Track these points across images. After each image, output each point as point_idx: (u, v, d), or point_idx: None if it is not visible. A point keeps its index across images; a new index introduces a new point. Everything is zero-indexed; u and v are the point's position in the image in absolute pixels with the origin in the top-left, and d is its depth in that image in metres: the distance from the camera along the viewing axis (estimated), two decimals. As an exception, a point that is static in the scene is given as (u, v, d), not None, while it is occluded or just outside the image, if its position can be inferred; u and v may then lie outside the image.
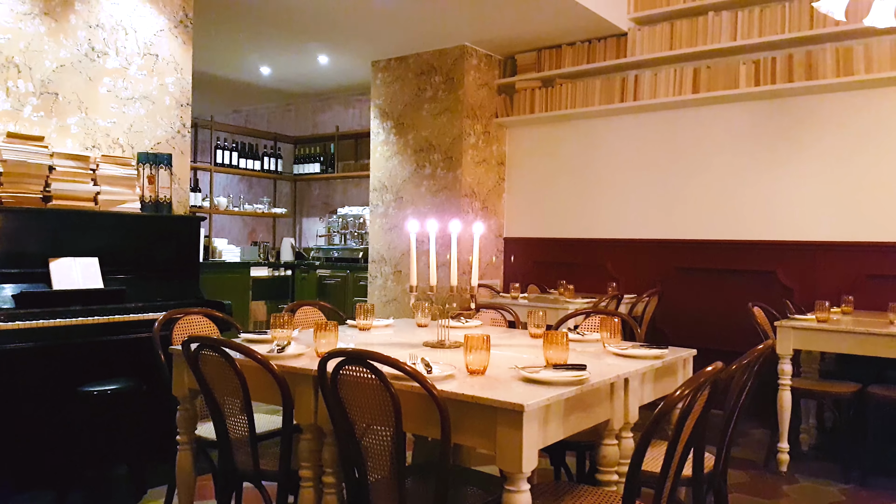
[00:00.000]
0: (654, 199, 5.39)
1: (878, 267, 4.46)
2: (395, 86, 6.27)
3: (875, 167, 4.50)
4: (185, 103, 4.28)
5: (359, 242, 7.42)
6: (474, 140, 5.91)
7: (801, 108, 4.78)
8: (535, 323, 2.91)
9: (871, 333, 3.42)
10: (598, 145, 5.69)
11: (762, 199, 4.92)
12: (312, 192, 8.59)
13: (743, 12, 4.86)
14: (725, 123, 5.08)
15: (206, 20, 5.22)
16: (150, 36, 4.09)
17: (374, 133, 6.43)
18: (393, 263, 6.23)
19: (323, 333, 2.34)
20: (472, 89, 5.88)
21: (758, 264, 4.92)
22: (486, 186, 6.04)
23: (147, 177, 3.91)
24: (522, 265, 6.08)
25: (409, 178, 6.14)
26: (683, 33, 5.11)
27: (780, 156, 4.86)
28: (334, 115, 8.30)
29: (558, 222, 5.90)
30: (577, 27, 5.33)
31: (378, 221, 6.36)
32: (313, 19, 5.38)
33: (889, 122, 4.46)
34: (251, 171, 8.09)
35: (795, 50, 4.72)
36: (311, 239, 8.38)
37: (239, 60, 6.70)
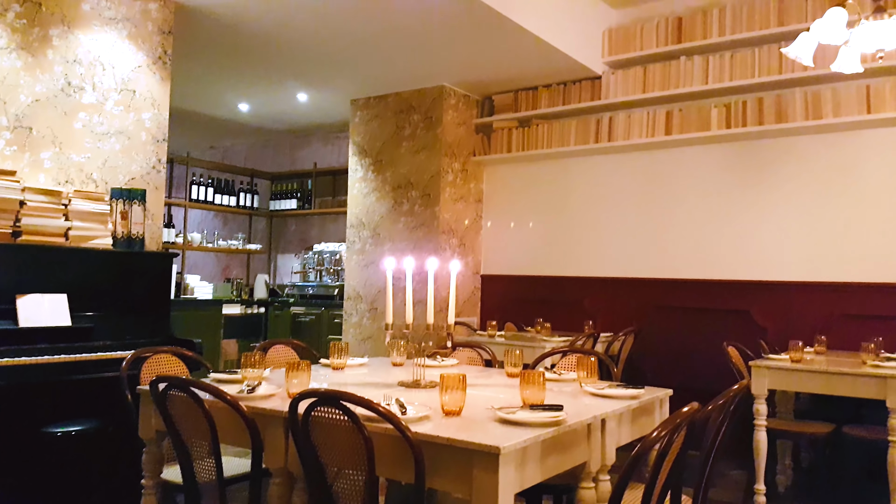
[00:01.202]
0: (631, 238, 5.44)
1: (851, 307, 4.52)
2: (373, 123, 6.31)
3: (845, 208, 4.59)
4: (162, 139, 4.26)
5: (334, 279, 7.37)
6: (452, 177, 5.94)
7: (772, 150, 4.88)
8: (512, 362, 2.89)
9: (844, 373, 3.44)
10: (575, 184, 5.75)
11: (736, 238, 4.99)
12: (289, 228, 8.54)
13: (714, 57, 4.99)
14: (698, 165, 5.17)
15: (185, 57, 5.23)
16: (128, 72, 4.08)
17: (352, 170, 6.44)
18: (369, 300, 6.18)
19: (295, 373, 2.29)
20: (450, 128, 5.94)
21: (732, 303, 4.96)
22: (463, 223, 6.05)
23: (120, 212, 3.85)
24: (500, 302, 6.07)
25: (387, 214, 6.14)
26: (656, 77, 5.23)
27: (753, 196, 4.94)
28: (312, 152, 8.32)
29: (536, 260, 5.92)
30: (553, 70, 5.43)
31: (355, 258, 6.33)
32: (293, 58, 5.42)
33: (857, 164, 4.57)
34: (226, 207, 8.03)
35: (765, 94, 4.84)
36: (286, 276, 8.31)
37: (217, 97, 6.71)
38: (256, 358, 2.47)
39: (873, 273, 4.46)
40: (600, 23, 5.46)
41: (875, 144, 4.51)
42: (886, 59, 3.20)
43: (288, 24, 4.69)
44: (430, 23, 4.56)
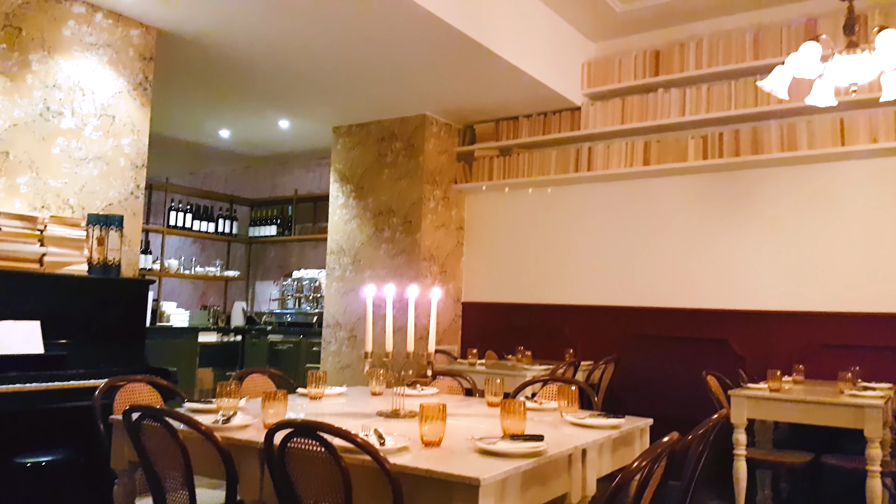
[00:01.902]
0: (611, 266, 5.47)
1: (828, 336, 4.56)
2: (355, 151, 6.32)
3: (820, 239, 4.66)
4: (141, 164, 4.23)
5: (313, 306, 7.30)
6: (434, 205, 5.95)
7: (749, 180, 4.96)
8: (493, 391, 2.87)
9: (822, 402, 3.46)
10: (555, 213, 5.79)
11: (714, 268, 5.03)
12: (268, 254, 8.49)
13: (691, 90, 5.08)
14: (676, 194, 5.23)
15: (166, 83, 5.23)
16: (108, 97, 4.06)
17: (333, 196, 6.43)
18: (348, 328, 6.13)
19: (271, 403, 2.25)
20: (432, 156, 5.96)
21: (711, 332, 4.99)
22: (444, 250, 6.05)
23: (96, 238, 3.81)
24: (481, 330, 6.05)
25: (368, 241, 6.12)
26: (634, 108, 5.30)
27: (730, 226, 5.00)
28: (294, 178, 8.30)
29: (516, 287, 5.92)
30: (533, 100, 5.49)
31: (334, 285, 6.29)
32: (275, 85, 5.43)
33: (832, 195, 4.65)
34: (205, 234, 7.97)
35: (742, 126, 4.93)
36: (264, 303, 8.22)
37: (198, 123, 6.69)
38: (232, 387, 2.43)
39: (849, 303, 4.51)
40: (580, 55, 5.55)
41: (849, 176, 4.59)
42: (860, 92, 3.28)
43: (270, 52, 4.71)
44: (412, 53, 4.61)
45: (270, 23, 4.23)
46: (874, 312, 4.42)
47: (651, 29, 5.38)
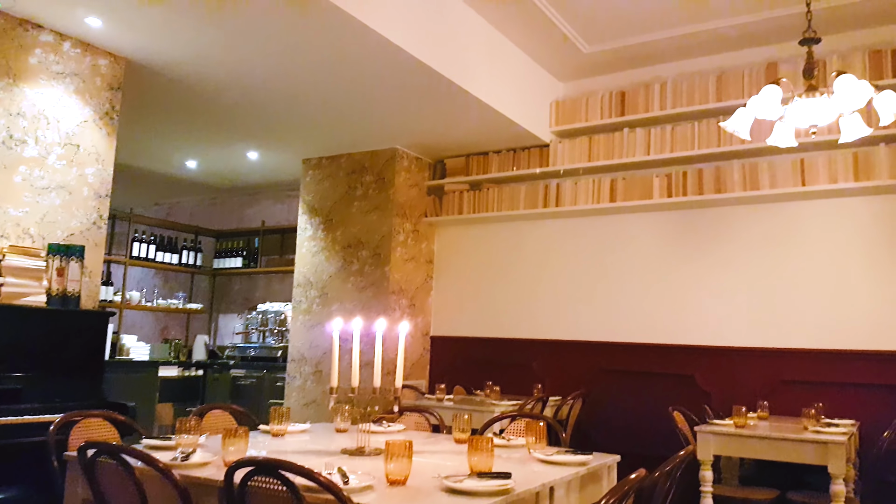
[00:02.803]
0: (579, 301, 5.50)
1: (791, 372, 4.62)
2: (325, 183, 6.30)
3: (782, 276, 4.75)
4: (105, 194, 4.16)
5: (278, 340, 7.18)
6: (403, 238, 5.94)
7: (712, 218, 5.05)
8: (460, 427, 2.84)
9: (787, 439, 3.49)
10: (524, 247, 5.82)
11: (679, 304, 5.09)
12: (232, 287, 8.35)
13: (655, 129, 5.19)
14: (642, 231, 5.31)
15: (133, 113, 5.18)
16: (73, 126, 4.00)
17: (301, 228, 6.38)
18: (314, 363, 6.04)
19: (232, 440, 2.19)
20: (402, 189, 5.97)
21: (677, 368, 5.02)
22: (414, 284, 6.03)
23: (56, 269, 3.71)
24: (449, 365, 6.00)
25: (336, 273, 6.07)
26: (601, 147, 5.40)
27: (694, 263, 5.08)
28: (261, 210, 8.23)
29: (485, 321, 5.91)
30: (503, 137, 5.56)
31: (300, 318, 6.21)
32: (244, 117, 5.41)
33: (793, 234, 4.75)
34: (168, 265, 7.83)
35: (705, 165, 5.04)
36: (228, 336, 8.07)
37: (165, 153, 6.62)
38: (192, 423, 2.36)
39: (811, 340, 4.59)
40: (548, 94, 5.65)
41: (810, 215, 4.71)
42: (819, 134, 3.38)
43: (240, 84, 4.71)
44: (384, 88, 4.64)
45: (241, 54, 4.24)
46: (835, 349, 4.50)
47: (617, 70, 5.51)
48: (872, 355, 4.39)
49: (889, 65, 4.42)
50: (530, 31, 4.94)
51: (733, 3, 4.48)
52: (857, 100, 3.01)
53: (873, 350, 4.39)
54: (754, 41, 4.91)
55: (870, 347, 4.40)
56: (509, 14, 4.70)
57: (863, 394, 4.38)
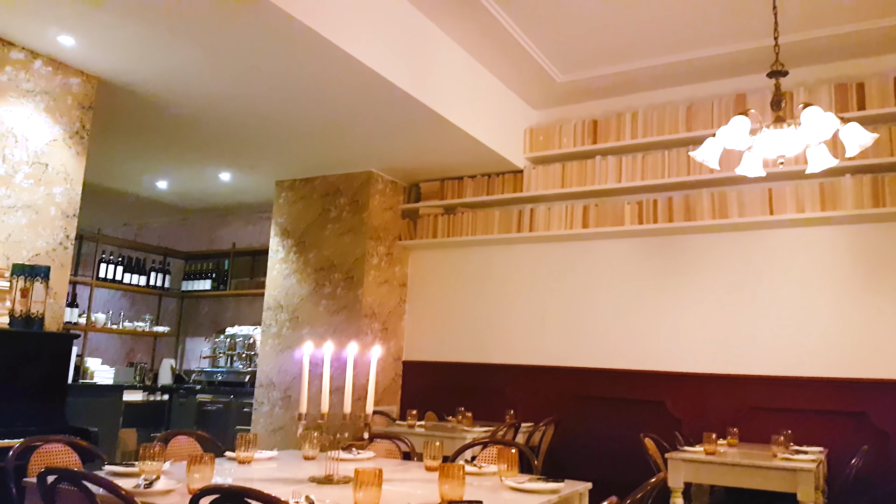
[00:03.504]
0: (551, 326, 5.51)
1: (760, 399, 4.66)
2: (299, 205, 6.26)
3: (751, 304, 4.81)
4: (72, 214, 4.08)
5: (246, 364, 7.07)
6: (377, 261, 5.92)
7: (682, 246, 5.12)
8: (431, 454, 2.80)
9: (756, 466, 3.50)
10: (498, 272, 5.83)
11: (650, 330, 5.12)
12: (201, 310, 8.21)
13: (627, 158, 5.26)
14: (614, 257, 5.35)
15: (104, 132, 5.12)
16: (42, 145, 3.93)
17: (273, 250, 6.32)
18: (283, 388, 5.94)
19: (196, 467, 2.13)
20: (376, 212, 5.96)
21: (648, 394, 5.04)
22: (387, 307, 5.99)
23: (20, 290, 3.62)
24: (421, 390, 5.95)
25: (308, 296, 6.01)
26: (574, 173, 5.46)
27: (665, 290, 5.12)
28: (232, 232, 8.14)
29: (459, 346, 5.88)
30: (478, 162, 5.59)
31: (270, 342, 6.12)
32: (217, 138, 5.38)
33: (761, 262, 4.83)
34: (136, 287, 7.68)
35: (675, 193, 5.11)
36: (195, 360, 7.90)
37: (136, 173, 6.54)
38: (156, 450, 2.30)
39: (779, 367, 4.64)
40: (523, 121, 5.71)
41: (777, 244, 4.79)
42: (786, 164, 3.45)
43: (214, 104, 4.68)
44: (359, 111, 4.65)
45: (215, 75, 4.21)
46: (803, 376, 4.56)
47: (590, 99, 5.60)
48: (839, 383, 4.45)
49: (854, 98, 4.56)
50: (506, 60, 5.00)
51: (703, 36, 4.59)
52: (824, 131, 3.08)
53: (840, 377, 4.45)
54: (723, 73, 5.03)
55: (837, 375, 4.47)
56: (485, 43, 4.76)
57: (830, 421, 4.43)
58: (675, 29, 4.51)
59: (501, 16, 4.41)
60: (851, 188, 4.47)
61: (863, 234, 4.55)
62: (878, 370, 4.37)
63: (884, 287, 4.44)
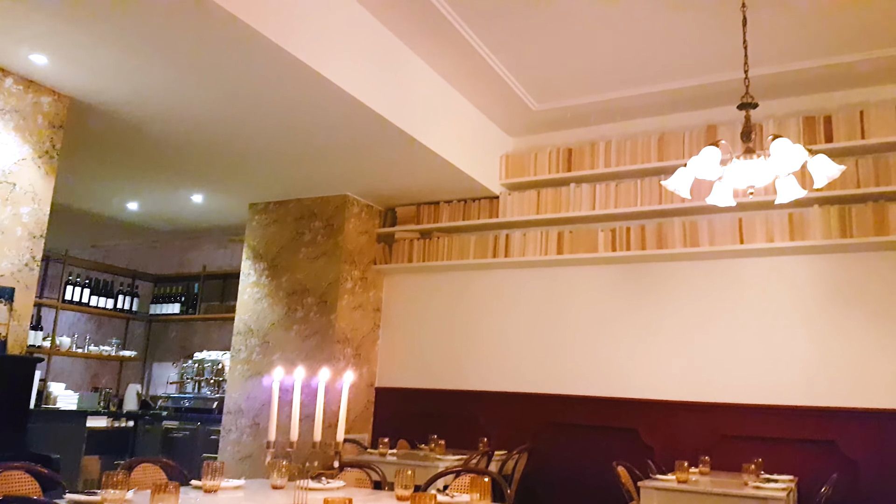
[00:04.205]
0: (525, 353, 5.50)
1: (731, 427, 4.68)
2: (272, 228, 6.21)
3: (722, 331, 4.86)
4: (39, 235, 4.00)
5: (214, 391, 6.93)
6: (351, 285, 5.87)
7: (654, 273, 5.16)
8: (403, 483, 2.75)
9: (729, 494, 3.50)
10: (473, 297, 5.82)
11: (623, 356, 5.14)
12: (169, 334, 8.06)
13: (601, 186, 5.32)
14: (588, 284, 5.38)
15: (75, 152, 5.05)
16: (10, 164, 3.86)
17: (244, 274, 6.24)
18: (251, 415, 5.83)
19: (161, 496, 2.07)
20: (352, 236, 5.93)
21: (621, 422, 5.03)
22: (360, 332, 5.93)
23: (-20, 311, 3.52)
24: (394, 417, 5.88)
25: (279, 321, 5.93)
26: (549, 200, 5.50)
27: (638, 316, 5.15)
28: (203, 255, 8.04)
29: (432, 372, 5.84)
30: (454, 187, 5.61)
31: (239, 368, 6.01)
32: (191, 160, 5.33)
33: (732, 290, 4.88)
34: (102, 310, 7.54)
35: (647, 221, 5.17)
36: (162, 386, 7.74)
37: (106, 194, 6.44)
38: (119, 477, 2.23)
39: (750, 395, 4.68)
40: (499, 148, 5.75)
41: (748, 272, 4.86)
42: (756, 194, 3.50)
43: (188, 127, 4.64)
44: (336, 135, 4.64)
45: (190, 97, 4.18)
46: (773, 405, 4.59)
47: (565, 128, 5.67)
48: (809, 411, 4.49)
49: (821, 130, 4.67)
50: (483, 88, 5.05)
51: (674, 69, 4.68)
52: (793, 163, 3.14)
53: (810, 406, 4.50)
54: (694, 105, 5.13)
55: (806, 403, 4.51)
56: (463, 71, 4.80)
57: (801, 449, 4.46)
58: (648, 61, 4.60)
59: (478, 45, 4.46)
60: (819, 218, 4.56)
61: (831, 264, 4.64)
62: (847, 399, 4.42)
63: (851, 316, 4.52)
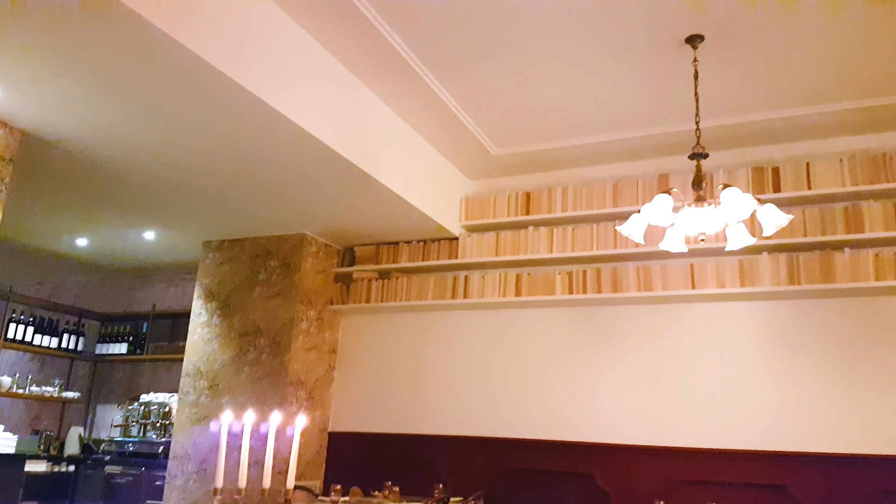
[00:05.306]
0: (483, 396, 5.44)
1: (686, 472, 4.68)
2: (226, 266, 6.08)
3: (676, 376, 4.89)
4: (-22, 269, 3.83)
5: (160, 434, 6.68)
6: (306, 325, 5.76)
7: (610, 317, 5.20)
8: (355, 532, 2.66)
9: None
10: (431, 339, 5.77)
11: (580, 400, 5.13)
12: (115, 374, 7.77)
13: (558, 229, 5.38)
14: (546, 326, 5.39)
15: (23, 186, 4.90)
16: (-50, 194, 3.72)
17: (195, 313, 6.08)
18: (198, 460, 5.61)
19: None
20: (308, 275, 5.84)
21: (577, 466, 4.99)
22: (314, 375, 5.80)
23: None
24: (347, 463, 5.73)
25: (230, 363, 5.77)
26: (507, 242, 5.54)
27: (594, 360, 5.17)
28: (153, 293, 7.83)
29: (388, 416, 5.72)
30: (414, 228, 5.60)
31: (187, 411, 5.81)
32: (144, 196, 5.21)
33: (685, 335, 4.94)
34: (46, 349, 7.25)
35: (603, 265, 5.23)
36: (105, 429, 7.43)
37: (54, 230, 6.25)
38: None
39: (703, 439, 4.70)
40: (459, 190, 5.79)
41: (700, 317, 4.93)
42: (707, 241, 3.59)
43: (142, 162, 4.55)
44: (294, 174, 4.61)
45: (144, 133, 4.11)
46: (727, 449, 4.62)
47: (523, 173, 5.75)
48: (761, 455, 4.53)
49: (770, 181, 4.82)
50: (444, 132, 5.10)
51: (629, 119, 4.80)
52: (742, 211, 3.23)
53: (762, 450, 4.53)
54: (648, 153, 5.26)
55: (758, 447, 4.55)
56: (423, 114, 4.84)
57: (753, 493, 4.48)
58: (604, 112, 4.71)
59: (440, 90, 4.51)
60: (768, 266, 4.68)
61: (780, 310, 4.74)
62: (798, 444, 4.47)
63: (800, 361, 4.60)
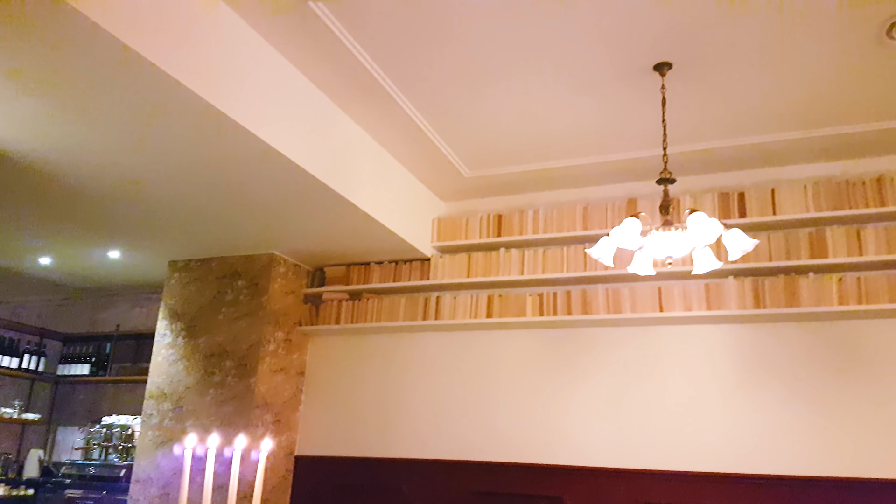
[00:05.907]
0: (453, 418, 5.40)
1: (656, 494, 4.68)
2: (192, 287, 5.98)
3: (644, 398, 4.91)
4: (-67, 287, 3.72)
5: (123, 457, 6.51)
6: (274, 347, 5.67)
7: (580, 338, 5.22)
8: (321, 558, 2.61)
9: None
10: (401, 360, 5.72)
11: (550, 422, 5.12)
12: (76, 396, 7.56)
13: (529, 251, 5.41)
14: (517, 347, 5.39)
15: (-18, 200, 4.78)
16: None
17: (160, 334, 5.96)
18: (161, 484, 5.47)
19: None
20: (277, 296, 5.77)
21: (547, 489, 4.96)
22: (281, 397, 5.71)
23: None
24: (314, 488, 5.62)
25: (195, 385, 5.65)
26: (479, 264, 5.54)
27: (565, 382, 5.17)
28: (117, 313, 7.66)
29: (356, 439, 5.64)
30: (385, 248, 5.58)
31: (150, 434, 5.67)
32: (109, 215, 5.12)
33: (653, 356, 4.98)
34: (6, 370, 7.04)
35: (573, 287, 5.26)
36: (66, 452, 7.22)
37: (17, 248, 6.10)
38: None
39: (672, 461, 4.71)
40: (431, 211, 5.79)
41: (667, 340, 4.97)
42: (674, 265, 3.64)
43: (107, 181, 4.46)
44: (262, 193, 4.56)
45: (110, 151, 4.03)
46: (695, 472, 4.64)
47: (495, 195, 5.79)
48: (729, 478, 4.55)
49: (735, 206, 4.91)
50: (415, 153, 5.11)
51: (599, 144, 4.87)
52: (708, 236, 3.28)
53: (730, 473, 4.56)
54: (617, 178, 5.33)
55: (726, 470, 4.57)
56: (396, 135, 4.84)
57: (721, 517, 4.49)
58: (574, 137, 4.76)
59: (413, 112, 4.52)
60: (734, 289, 4.74)
61: (745, 333, 4.80)
62: (763, 466, 4.51)
63: (765, 384, 4.66)
